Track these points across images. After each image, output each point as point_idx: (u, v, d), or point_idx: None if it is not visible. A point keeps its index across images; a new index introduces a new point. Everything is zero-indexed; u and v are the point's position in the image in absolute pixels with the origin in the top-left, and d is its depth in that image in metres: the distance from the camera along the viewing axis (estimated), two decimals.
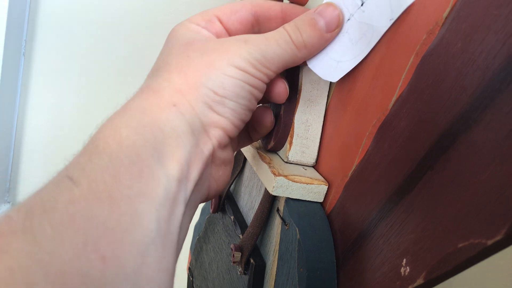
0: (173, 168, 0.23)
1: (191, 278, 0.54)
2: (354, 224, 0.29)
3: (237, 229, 0.39)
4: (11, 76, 0.70)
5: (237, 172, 0.44)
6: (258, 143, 0.38)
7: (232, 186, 0.47)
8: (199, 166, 0.25)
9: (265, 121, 0.33)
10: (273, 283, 0.33)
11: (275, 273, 0.33)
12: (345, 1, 0.27)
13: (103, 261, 0.18)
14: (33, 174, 0.84)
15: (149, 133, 0.23)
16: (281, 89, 0.30)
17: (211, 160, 0.27)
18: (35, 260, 0.17)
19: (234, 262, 0.36)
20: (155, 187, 0.21)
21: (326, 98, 0.35)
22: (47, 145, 0.82)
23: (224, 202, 0.45)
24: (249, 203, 0.41)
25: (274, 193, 0.31)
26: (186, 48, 0.27)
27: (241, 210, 0.43)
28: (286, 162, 0.34)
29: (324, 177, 0.33)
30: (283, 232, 0.32)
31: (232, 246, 0.37)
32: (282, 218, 0.32)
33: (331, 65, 0.28)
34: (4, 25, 0.64)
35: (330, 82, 0.35)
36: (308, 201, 0.33)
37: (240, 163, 0.44)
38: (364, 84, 0.30)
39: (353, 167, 0.30)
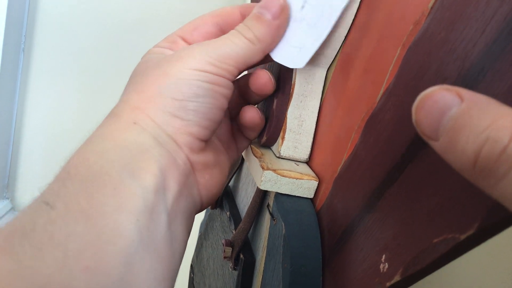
0: (148, 180, 0.23)
1: (191, 275, 0.54)
2: (340, 221, 0.28)
3: (231, 225, 0.39)
4: (10, 72, 0.70)
5: (235, 168, 0.44)
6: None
7: (231, 182, 0.47)
8: (175, 175, 0.25)
9: (252, 118, 0.32)
10: (260, 278, 0.33)
11: (263, 269, 0.33)
12: None
13: (86, 271, 0.19)
14: (32, 170, 0.84)
15: (115, 155, 0.23)
16: (264, 79, 0.31)
17: (191, 166, 0.27)
18: (17, 276, 0.18)
19: (225, 257, 0.36)
20: (132, 200, 0.22)
21: (320, 93, 0.34)
22: (45, 141, 0.83)
23: (222, 198, 0.45)
24: (245, 199, 0.41)
25: (262, 187, 0.31)
26: (143, 68, 0.28)
27: (237, 206, 0.43)
28: (278, 157, 0.34)
29: (316, 173, 0.33)
30: (271, 228, 0.32)
31: (223, 241, 0.37)
32: (271, 214, 0.32)
33: (293, 53, 0.28)
34: (4, 21, 0.64)
35: (325, 78, 0.34)
36: (298, 196, 0.32)
37: (238, 159, 0.44)
38: (355, 79, 0.30)
39: (342, 162, 0.30)
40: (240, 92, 0.34)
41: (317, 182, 0.32)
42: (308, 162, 0.35)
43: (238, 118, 0.33)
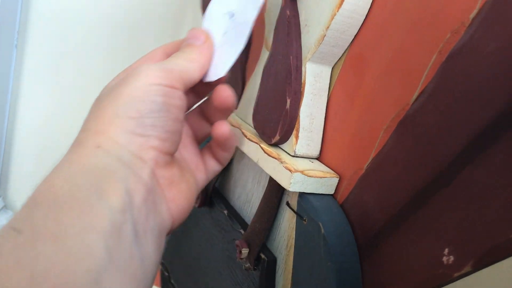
0: (114, 201, 0.24)
1: (166, 274, 0.52)
2: (376, 216, 0.30)
3: (235, 224, 0.39)
4: (3, 69, 0.67)
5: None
6: (256, 137, 0.37)
7: (218, 180, 0.46)
8: (142, 193, 0.26)
9: (223, 132, 0.33)
10: (289, 277, 0.34)
11: (291, 268, 0.34)
12: (216, 22, 0.33)
13: None
14: (24, 168, 0.82)
15: (81, 179, 0.24)
16: (227, 93, 0.32)
17: (157, 182, 0.28)
18: None
19: (241, 259, 0.36)
20: (100, 220, 0.22)
21: (327, 91, 0.35)
22: (38, 138, 0.80)
23: (211, 196, 0.44)
24: (243, 197, 0.41)
25: (291, 189, 0.31)
26: (99, 99, 0.29)
27: (232, 204, 0.42)
28: (293, 156, 0.34)
29: (332, 169, 0.34)
30: (299, 227, 0.32)
31: (238, 242, 0.36)
32: (297, 213, 0.33)
33: (217, 67, 0.32)
34: None
35: (331, 75, 0.35)
36: (320, 194, 0.33)
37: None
38: (374, 79, 0.31)
39: (369, 160, 0.31)
40: (204, 115, 0.36)
41: (338, 179, 0.33)
42: (319, 158, 0.36)
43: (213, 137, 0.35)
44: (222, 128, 0.33)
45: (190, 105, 0.37)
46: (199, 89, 0.35)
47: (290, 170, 0.31)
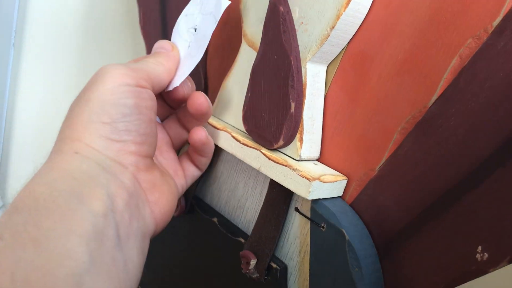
0: (96, 205, 0.24)
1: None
2: (396, 217, 0.31)
3: (232, 233, 0.37)
4: (0, 68, 0.66)
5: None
6: (252, 142, 0.35)
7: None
8: (124, 197, 0.26)
9: (200, 137, 0.35)
10: (306, 283, 0.33)
11: (307, 274, 0.33)
12: (182, 36, 0.35)
13: None
14: (23, 167, 0.81)
15: (62, 185, 0.24)
16: (201, 99, 0.34)
17: (139, 186, 0.29)
18: None
19: (248, 270, 0.34)
20: (82, 224, 0.22)
21: (324, 90, 0.34)
22: (37, 137, 0.79)
23: (191, 203, 0.41)
24: (233, 202, 0.39)
25: (310, 198, 0.31)
26: (71, 105, 0.29)
27: (218, 210, 0.40)
28: (298, 160, 0.33)
29: (337, 171, 0.34)
30: (316, 234, 0.32)
31: (244, 253, 0.35)
32: (312, 220, 0.32)
33: (178, 76, 0.34)
34: None
35: (327, 73, 0.34)
36: (331, 197, 0.33)
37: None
38: (384, 80, 0.31)
39: (382, 162, 0.31)
40: (181, 123, 0.37)
41: (346, 181, 0.33)
42: (318, 159, 0.35)
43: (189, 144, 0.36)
44: (198, 134, 0.34)
45: (166, 115, 0.38)
46: (171, 101, 0.36)
47: (308, 179, 0.30)
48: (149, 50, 0.51)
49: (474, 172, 0.27)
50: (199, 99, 0.34)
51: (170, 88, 0.34)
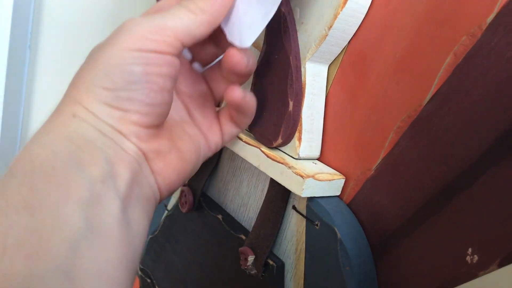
0: (93, 171, 0.23)
1: (148, 280, 0.50)
2: (391, 217, 0.30)
3: (235, 230, 0.38)
4: (16, 70, 0.67)
5: (210, 169, 0.42)
6: (253, 140, 0.36)
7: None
8: (124, 162, 0.25)
9: (235, 97, 0.30)
10: (301, 282, 0.33)
11: (302, 272, 0.33)
12: None
13: (28, 258, 0.19)
14: None
15: (58, 147, 0.23)
16: (236, 58, 0.29)
17: (141, 153, 0.27)
18: None
19: (247, 266, 0.35)
20: (78, 190, 0.22)
21: (325, 90, 0.35)
22: None
23: (199, 200, 0.42)
24: (237, 200, 0.40)
25: (303, 195, 0.31)
26: (86, 58, 0.27)
27: (225, 208, 0.41)
28: (297, 159, 0.34)
29: (335, 170, 0.34)
30: (311, 232, 0.32)
31: (243, 249, 0.35)
32: (307, 218, 0.32)
33: (242, 31, 0.28)
34: (10, 19, 0.61)
35: (328, 74, 0.35)
36: (327, 196, 0.33)
37: (212, 160, 0.42)
38: (382, 79, 0.31)
39: (378, 161, 0.31)
40: (223, 72, 0.32)
41: (344, 180, 0.33)
42: (319, 158, 0.35)
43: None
44: (233, 93, 0.30)
45: (210, 58, 0.33)
46: (220, 40, 0.31)
47: (301, 176, 0.31)
48: None
49: (467, 171, 0.26)
50: (235, 58, 0.29)
51: (229, 40, 0.28)
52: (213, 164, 0.42)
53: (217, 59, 0.34)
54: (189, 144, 0.30)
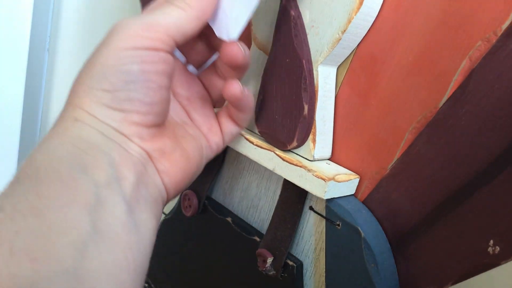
0: (98, 174, 0.23)
1: (146, 285, 0.49)
2: (409, 213, 0.32)
3: (247, 232, 0.38)
4: (35, 72, 0.67)
5: (215, 171, 0.42)
6: (265, 144, 0.36)
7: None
8: (129, 165, 0.25)
9: (233, 92, 0.31)
10: (322, 279, 0.34)
11: (322, 270, 0.34)
12: None
13: (35, 262, 0.19)
14: None
15: (62, 152, 0.23)
16: (234, 50, 0.29)
17: (146, 154, 0.27)
18: None
19: (265, 268, 0.35)
20: (83, 194, 0.22)
21: (334, 91, 0.35)
22: None
23: (205, 203, 0.42)
24: (246, 202, 0.40)
25: (326, 197, 0.31)
26: (80, 69, 0.27)
27: (232, 210, 0.41)
28: (311, 161, 0.34)
29: (349, 169, 0.35)
30: (331, 231, 0.33)
31: (260, 251, 0.36)
32: (327, 218, 0.33)
33: (228, 24, 0.29)
34: (30, 22, 0.62)
35: (337, 75, 0.35)
36: (344, 196, 0.34)
37: (217, 162, 0.42)
38: (395, 81, 0.32)
39: (394, 160, 0.32)
40: (219, 72, 0.33)
41: (359, 179, 0.34)
42: (330, 158, 0.36)
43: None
44: (232, 88, 0.30)
45: (204, 60, 0.34)
46: (211, 40, 0.32)
47: (323, 179, 0.31)
48: None
49: (486, 169, 0.28)
50: (233, 49, 0.29)
51: (226, 38, 0.29)
52: (218, 167, 0.42)
53: (211, 60, 0.34)
54: (193, 143, 0.31)
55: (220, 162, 0.42)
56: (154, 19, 0.26)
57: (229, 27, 0.29)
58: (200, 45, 0.33)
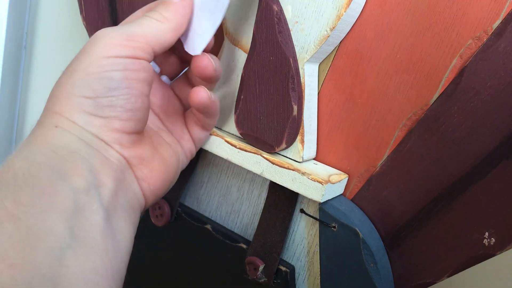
0: (77, 181, 0.23)
1: None
2: (401, 210, 0.32)
3: (231, 240, 0.36)
4: (12, 70, 0.67)
5: (187, 177, 0.39)
6: (249, 146, 0.34)
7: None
8: (108, 172, 0.25)
9: (201, 99, 0.31)
10: (317, 282, 0.34)
11: (317, 273, 0.34)
12: None
13: (12, 267, 0.19)
14: None
15: (41, 157, 0.23)
16: (204, 63, 0.30)
17: (125, 161, 0.27)
18: None
19: (256, 276, 0.34)
20: (61, 200, 0.22)
21: (317, 89, 0.34)
22: None
23: (178, 211, 0.39)
24: (226, 207, 0.38)
25: (322, 201, 0.31)
26: (59, 77, 0.27)
27: (210, 216, 0.39)
28: (300, 162, 0.33)
29: (335, 168, 0.34)
30: (326, 233, 0.32)
31: (251, 259, 0.34)
32: (321, 221, 0.32)
33: (196, 40, 0.31)
34: (5, 19, 0.62)
35: (319, 71, 0.34)
36: (335, 196, 0.33)
37: (189, 166, 0.39)
38: (382, 78, 0.32)
39: (384, 158, 0.32)
40: (191, 82, 0.34)
41: (347, 178, 0.34)
42: (315, 158, 0.35)
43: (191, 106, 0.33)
44: (199, 95, 0.30)
45: (176, 71, 0.35)
46: (183, 54, 0.33)
47: (320, 182, 0.30)
48: None
49: (478, 165, 0.29)
50: (203, 62, 0.30)
51: (192, 53, 0.30)
52: (190, 171, 0.39)
53: (183, 71, 0.35)
54: (169, 150, 0.31)
55: (193, 167, 0.39)
56: (133, 30, 0.27)
57: (195, 43, 0.30)
58: (173, 57, 0.34)
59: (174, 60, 0.34)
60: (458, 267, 0.31)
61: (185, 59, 0.34)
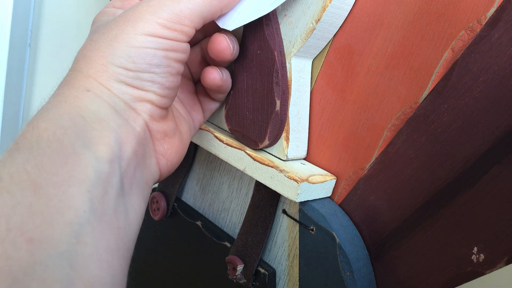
0: (102, 150, 0.23)
1: None
2: (388, 217, 0.29)
3: (218, 237, 0.36)
4: (16, 67, 0.67)
5: (184, 172, 0.39)
6: (236, 142, 0.34)
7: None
8: (133, 145, 0.25)
9: (213, 80, 0.31)
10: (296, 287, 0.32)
11: (296, 278, 0.32)
12: None
13: (31, 243, 0.18)
14: None
15: (68, 122, 0.22)
16: (222, 46, 0.29)
17: (150, 135, 0.27)
18: None
19: (235, 276, 0.33)
20: (84, 170, 0.21)
21: (309, 86, 0.33)
22: None
23: (174, 206, 0.39)
24: (217, 205, 0.37)
25: (298, 200, 0.29)
26: (92, 34, 0.27)
27: (202, 213, 0.39)
28: (285, 161, 0.32)
29: (325, 170, 0.32)
30: (305, 236, 0.31)
31: (230, 258, 0.33)
32: (300, 223, 0.31)
33: (232, 15, 0.29)
34: (10, 17, 0.62)
35: (312, 68, 0.33)
36: (319, 198, 0.31)
37: (186, 162, 0.39)
38: (373, 74, 0.30)
39: (372, 160, 0.30)
40: (203, 55, 0.33)
41: (335, 180, 0.32)
42: (306, 158, 0.34)
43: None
44: (212, 76, 0.30)
45: (192, 42, 0.33)
46: (206, 25, 0.31)
47: (295, 180, 0.29)
48: None
49: (469, 169, 0.26)
50: (220, 45, 0.29)
51: (222, 26, 0.28)
52: (188, 166, 0.39)
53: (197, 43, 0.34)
54: (185, 125, 0.31)
55: (190, 162, 0.39)
56: (179, 9, 0.26)
57: (231, 18, 0.29)
58: None
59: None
60: (445, 285, 0.27)
61: (203, 30, 0.32)
